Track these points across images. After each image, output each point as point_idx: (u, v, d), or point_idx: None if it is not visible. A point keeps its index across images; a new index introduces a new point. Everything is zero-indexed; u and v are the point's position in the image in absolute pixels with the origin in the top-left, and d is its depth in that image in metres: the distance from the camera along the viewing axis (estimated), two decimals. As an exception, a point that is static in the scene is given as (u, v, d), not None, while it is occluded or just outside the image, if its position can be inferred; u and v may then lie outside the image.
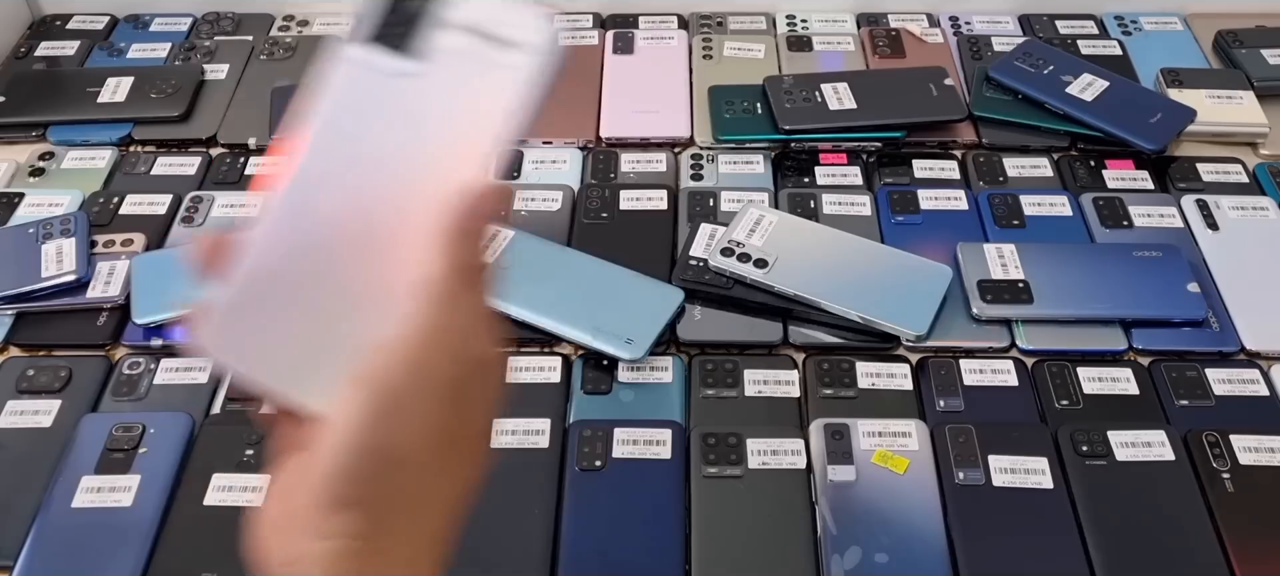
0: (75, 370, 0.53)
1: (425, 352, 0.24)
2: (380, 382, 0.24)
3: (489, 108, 0.26)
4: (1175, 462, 0.48)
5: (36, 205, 0.63)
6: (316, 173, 0.26)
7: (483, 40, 0.27)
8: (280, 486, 0.26)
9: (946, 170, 0.65)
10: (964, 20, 0.77)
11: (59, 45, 0.76)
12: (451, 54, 0.26)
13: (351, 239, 0.26)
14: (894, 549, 0.45)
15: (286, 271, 0.26)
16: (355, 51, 0.27)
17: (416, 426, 0.24)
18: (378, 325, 0.25)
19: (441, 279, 0.25)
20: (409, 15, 0.27)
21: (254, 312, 0.26)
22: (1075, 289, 0.55)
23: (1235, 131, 0.67)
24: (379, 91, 0.26)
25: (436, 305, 0.25)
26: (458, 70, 0.26)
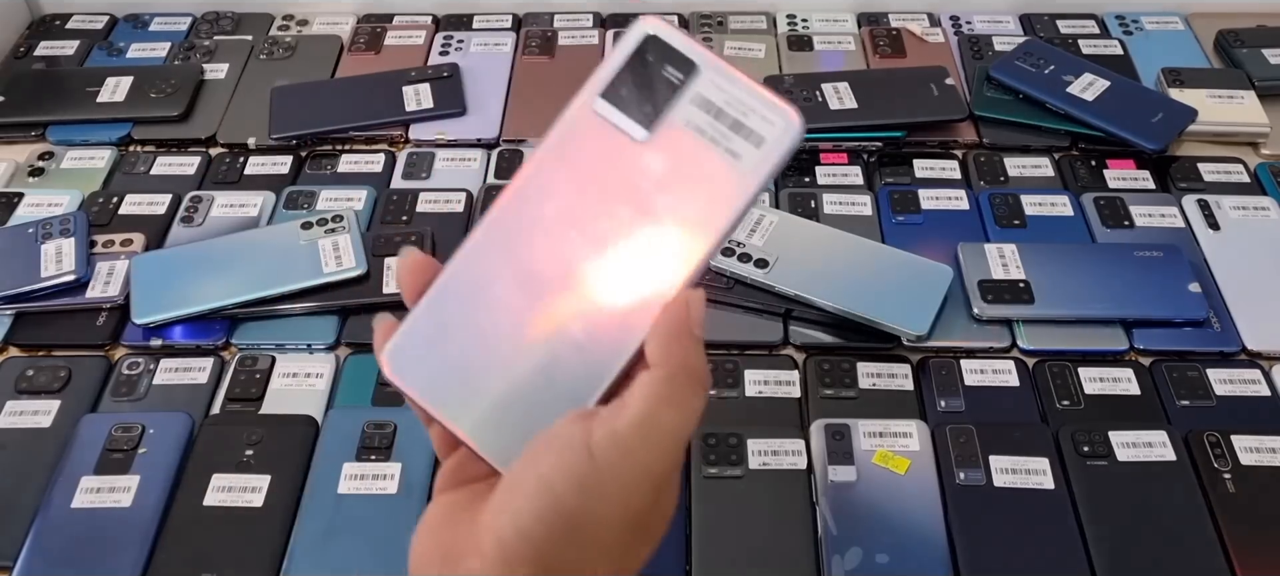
0: (74, 370, 0.53)
1: (643, 446, 0.24)
2: (595, 459, 0.24)
3: (715, 198, 0.25)
4: (1176, 463, 0.48)
5: (36, 205, 0.63)
6: (531, 216, 0.26)
7: (724, 125, 0.25)
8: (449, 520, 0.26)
9: (947, 170, 0.65)
10: (965, 20, 0.77)
11: (58, 45, 0.76)
12: (688, 131, 0.26)
13: (557, 296, 0.26)
14: (895, 549, 0.45)
15: (483, 310, 0.26)
16: (591, 103, 0.26)
17: (616, 512, 0.24)
18: (578, 395, 0.25)
19: (669, 379, 0.24)
20: (652, 79, 0.26)
21: (442, 344, 0.26)
22: (1076, 289, 0.55)
23: (1236, 131, 0.67)
24: (608, 152, 0.26)
25: (661, 403, 0.24)
26: (691, 151, 0.25)
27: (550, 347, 0.26)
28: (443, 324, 0.26)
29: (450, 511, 0.26)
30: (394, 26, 0.77)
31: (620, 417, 0.24)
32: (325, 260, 0.56)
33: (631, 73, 0.26)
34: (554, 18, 0.78)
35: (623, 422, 0.24)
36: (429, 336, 0.26)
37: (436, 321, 0.26)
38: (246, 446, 0.49)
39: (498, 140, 0.68)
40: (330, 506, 0.47)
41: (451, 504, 0.26)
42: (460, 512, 0.26)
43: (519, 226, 0.26)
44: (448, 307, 0.26)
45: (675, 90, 0.26)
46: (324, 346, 0.55)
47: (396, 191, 0.63)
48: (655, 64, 0.26)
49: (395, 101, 0.68)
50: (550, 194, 0.26)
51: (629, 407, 0.24)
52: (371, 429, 0.50)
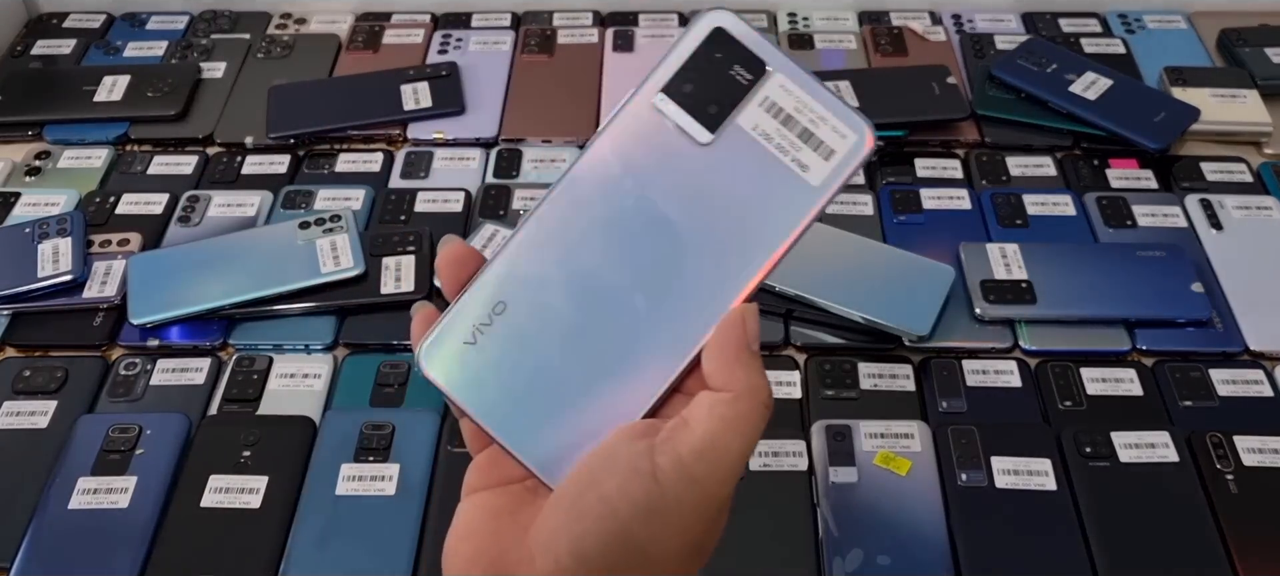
0: (71, 370, 0.53)
1: (709, 473, 0.23)
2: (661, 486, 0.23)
3: (780, 212, 0.24)
4: (1179, 464, 0.48)
5: (32, 204, 0.62)
6: (582, 213, 0.24)
7: (792, 133, 0.24)
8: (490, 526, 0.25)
9: (949, 169, 0.64)
10: (966, 18, 0.76)
11: (55, 44, 0.76)
12: (754, 137, 0.24)
13: (607, 302, 0.24)
14: (896, 551, 0.45)
15: (527, 311, 0.25)
16: (651, 97, 0.24)
17: (677, 540, 0.23)
18: (626, 406, 0.24)
19: (734, 402, 0.23)
20: (719, 77, 0.24)
21: (482, 343, 0.25)
22: (1078, 289, 0.55)
23: (1239, 130, 0.66)
24: (667, 152, 0.24)
25: (726, 428, 0.23)
26: (756, 159, 0.24)
27: (598, 355, 0.25)
28: (484, 322, 0.25)
29: (489, 516, 0.25)
30: (392, 25, 0.77)
31: (684, 442, 0.23)
32: (323, 260, 0.56)
33: (696, 68, 0.24)
34: (553, 16, 0.77)
35: (687, 448, 0.23)
36: (469, 335, 0.25)
37: (477, 319, 0.25)
38: (244, 447, 0.49)
39: (496, 139, 0.67)
40: (328, 507, 0.47)
41: (489, 508, 0.25)
42: (503, 519, 0.25)
43: (569, 223, 0.25)
44: (490, 305, 0.25)
45: (743, 91, 0.24)
46: (322, 347, 0.54)
47: (395, 191, 0.63)
48: (723, 60, 0.24)
49: (393, 100, 0.68)
50: (603, 191, 0.25)
51: (693, 431, 0.23)
52: (369, 430, 0.49)
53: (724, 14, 0.25)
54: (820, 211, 0.24)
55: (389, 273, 0.56)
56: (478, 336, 0.25)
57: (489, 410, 0.25)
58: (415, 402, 0.52)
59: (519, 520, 0.25)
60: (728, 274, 0.24)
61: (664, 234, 0.24)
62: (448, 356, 0.25)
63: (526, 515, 0.25)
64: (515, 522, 0.25)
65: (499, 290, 0.25)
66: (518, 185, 0.63)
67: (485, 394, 0.25)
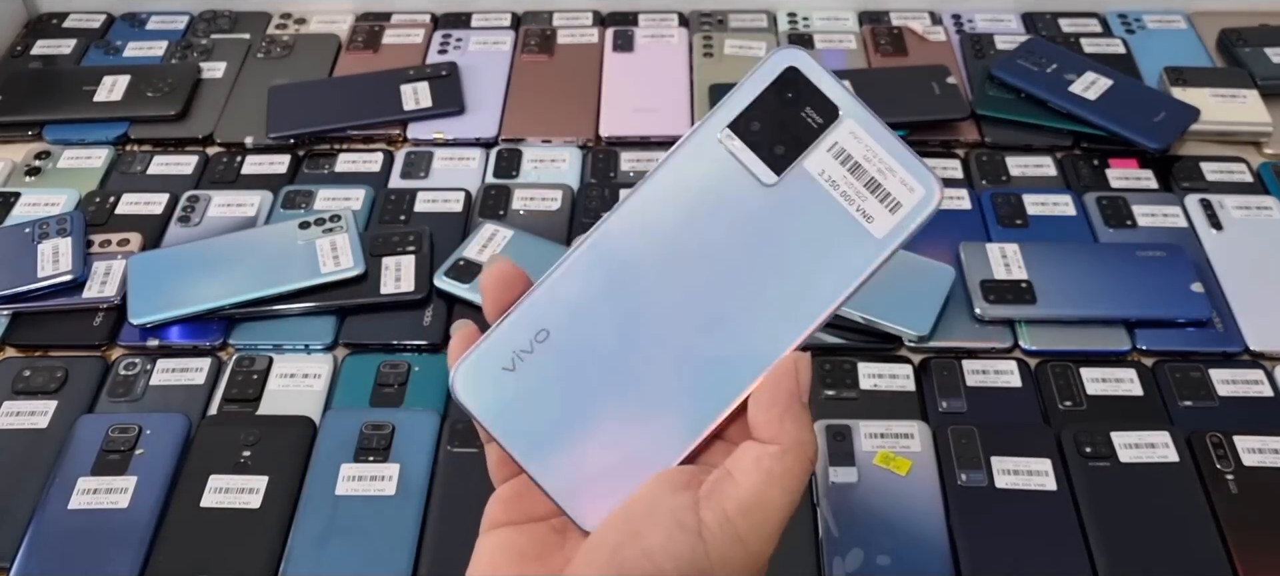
0: (71, 371, 0.53)
1: (753, 531, 0.22)
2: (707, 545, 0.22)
3: (840, 263, 0.23)
4: (1179, 464, 0.48)
5: (32, 204, 0.62)
6: (636, 245, 0.24)
7: (859, 182, 0.23)
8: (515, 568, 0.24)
9: (949, 169, 0.64)
10: (966, 18, 0.76)
11: (55, 44, 0.76)
12: (820, 182, 0.23)
13: (654, 340, 0.24)
14: (896, 551, 0.45)
15: (571, 343, 0.24)
16: (717, 132, 0.24)
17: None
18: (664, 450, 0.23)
19: (781, 456, 0.22)
20: (788, 118, 0.24)
21: (522, 373, 0.24)
22: (1079, 289, 0.55)
23: (1239, 130, 0.66)
24: (730, 190, 0.23)
25: (772, 484, 0.22)
26: (821, 206, 0.23)
27: (640, 393, 0.24)
28: (525, 349, 0.24)
29: (514, 557, 0.24)
30: (392, 25, 0.77)
31: (729, 496, 0.22)
32: (323, 260, 0.56)
33: (766, 106, 0.24)
34: (553, 16, 0.77)
35: (733, 505, 0.22)
36: (508, 361, 0.24)
37: (518, 345, 0.24)
38: (244, 447, 0.49)
39: (496, 139, 0.67)
40: (328, 507, 0.47)
41: (514, 549, 0.24)
42: (529, 563, 0.24)
43: (621, 253, 0.24)
44: (533, 332, 0.24)
45: (812, 135, 0.24)
46: (322, 347, 0.54)
47: (394, 191, 0.63)
48: (793, 101, 0.24)
49: (393, 100, 0.68)
50: (660, 224, 0.24)
51: (739, 485, 0.22)
52: (369, 430, 0.49)
53: (798, 53, 0.24)
54: (881, 266, 0.23)
55: (389, 273, 0.56)
56: (517, 363, 0.24)
57: (521, 441, 0.24)
58: (415, 402, 0.52)
59: (548, 565, 0.24)
60: (781, 320, 0.24)
61: (718, 273, 0.24)
62: (483, 381, 0.24)
63: (556, 561, 0.24)
64: (544, 568, 0.24)
65: (543, 317, 0.24)
66: (518, 185, 0.63)
67: (519, 424, 0.24)
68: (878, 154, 0.23)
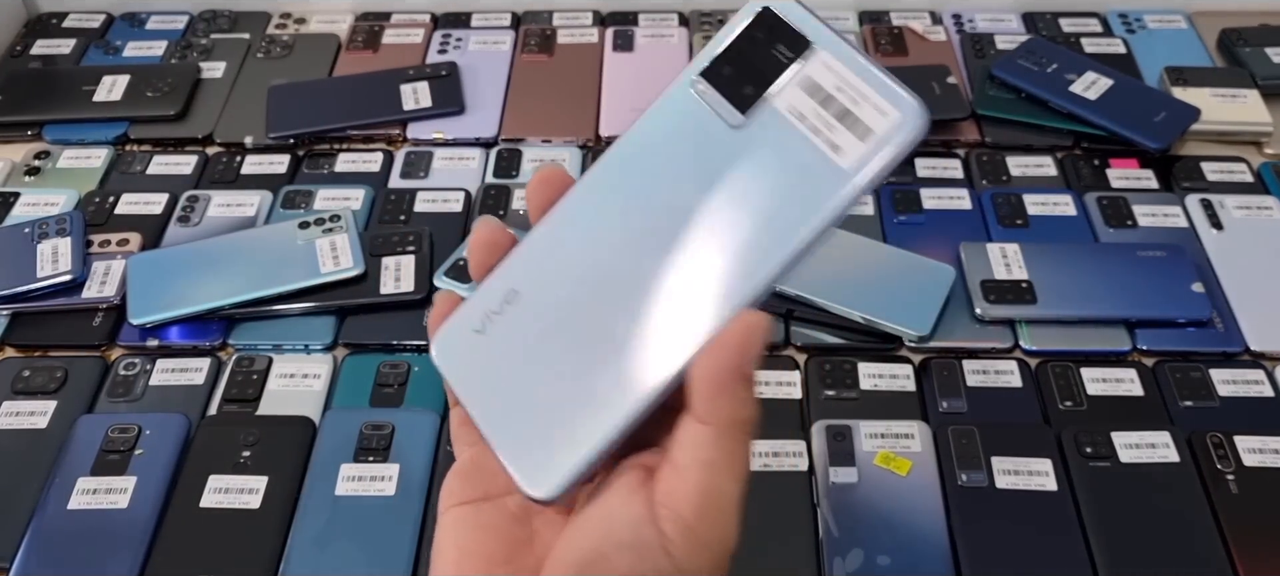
0: (71, 371, 0.53)
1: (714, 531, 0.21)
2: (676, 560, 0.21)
3: (801, 200, 0.21)
4: (1179, 464, 0.47)
5: (32, 204, 0.62)
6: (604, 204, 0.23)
7: (829, 113, 0.22)
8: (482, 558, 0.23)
9: (949, 169, 0.64)
10: (967, 18, 0.76)
11: (55, 43, 0.75)
12: (787, 117, 0.22)
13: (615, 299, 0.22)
14: (896, 551, 0.45)
15: (537, 307, 0.23)
16: (689, 81, 0.23)
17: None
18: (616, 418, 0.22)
19: (718, 440, 0.21)
20: (759, 58, 0.22)
21: (492, 336, 0.23)
22: (1079, 289, 0.55)
23: (1240, 130, 0.66)
24: (696, 138, 0.22)
25: (717, 472, 0.21)
26: (785, 141, 0.22)
27: (598, 356, 0.22)
28: (495, 311, 0.23)
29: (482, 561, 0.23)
30: (392, 24, 0.77)
31: (682, 499, 0.21)
32: (323, 260, 0.56)
33: (738, 50, 0.22)
34: (553, 16, 0.77)
35: (688, 509, 0.21)
36: (479, 324, 0.23)
37: (490, 306, 0.23)
38: (243, 447, 0.49)
39: (496, 139, 0.67)
40: (328, 507, 0.47)
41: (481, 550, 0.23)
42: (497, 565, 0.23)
43: (591, 211, 0.23)
44: (504, 293, 0.23)
45: (780, 70, 0.22)
46: (321, 347, 0.54)
47: (394, 191, 0.63)
48: (765, 41, 0.22)
49: (393, 100, 0.68)
50: (630, 179, 0.23)
51: (687, 483, 0.21)
52: (369, 430, 0.49)
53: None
54: (852, 199, 0.21)
55: (389, 273, 0.56)
56: (487, 326, 0.23)
57: (483, 405, 0.23)
58: (415, 402, 0.51)
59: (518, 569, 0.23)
60: (740, 269, 0.22)
61: (682, 224, 0.22)
62: (457, 344, 0.24)
63: (526, 562, 0.23)
64: (512, 569, 0.23)
65: (514, 278, 0.23)
66: (517, 185, 0.63)
67: (482, 387, 0.23)
68: (851, 83, 0.22)
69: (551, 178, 0.24)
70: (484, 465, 0.24)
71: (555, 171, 0.24)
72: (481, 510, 0.24)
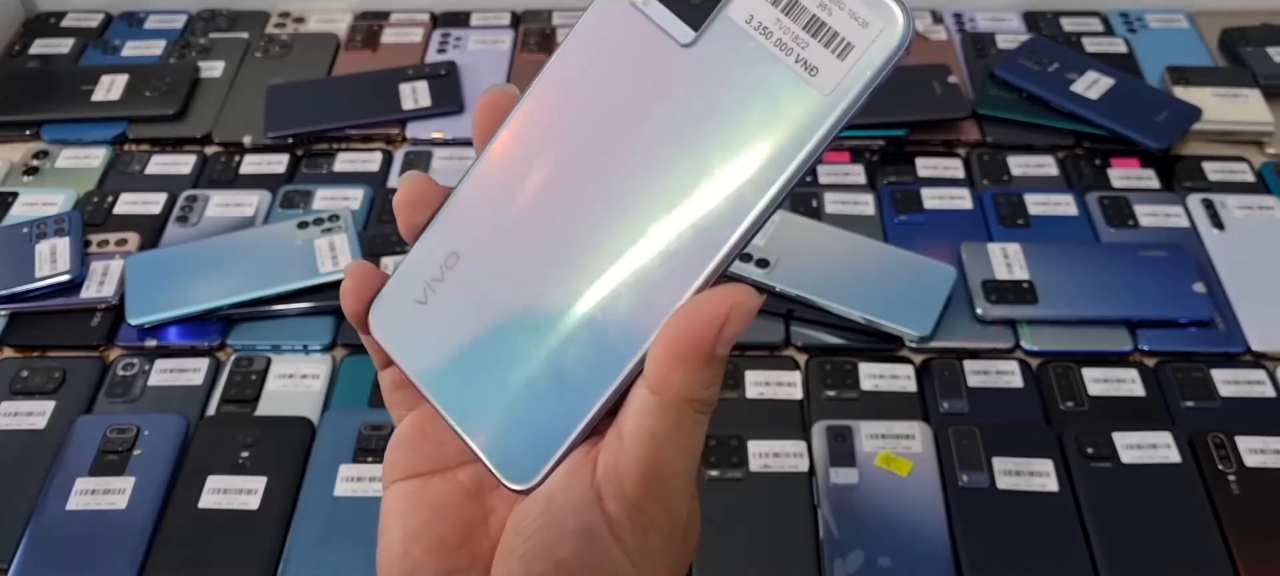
0: (69, 371, 0.53)
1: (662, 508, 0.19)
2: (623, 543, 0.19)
3: (776, 131, 0.18)
4: (1181, 465, 0.47)
5: (30, 204, 0.62)
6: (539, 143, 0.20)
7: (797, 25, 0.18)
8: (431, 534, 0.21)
9: (950, 168, 0.64)
10: (968, 17, 0.76)
11: (53, 43, 0.75)
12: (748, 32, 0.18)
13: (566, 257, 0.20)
14: (897, 552, 0.44)
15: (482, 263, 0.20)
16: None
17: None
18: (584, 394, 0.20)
19: (664, 411, 0.19)
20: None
21: (433, 302, 0.20)
22: (1080, 289, 0.55)
23: (1241, 130, 0.66)
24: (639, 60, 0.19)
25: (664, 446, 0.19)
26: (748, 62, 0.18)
27: (557, 323, 0.20)
28: (435, 277, 0.21)
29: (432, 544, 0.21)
30: (391, 23, 0.76)
31: (625, 474, 0.19)
32: (321, 260, 0.56)
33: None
34: (552, 14, 0.77)
35: (631, 484, 0.19)
36: (420, 293, 0.21)
37: (429, 275, 0.21)
38: (242, 448, 0.49)
39: (496, 138, 0.67)
40: (327, 508, 0.47)
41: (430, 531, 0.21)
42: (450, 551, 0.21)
43: (528, 154, 0.20)
44: (443, 256, 0.21)
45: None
46: (320, 347, 0.54)
47: (393, 191, 0.63)
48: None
49: (392, 100, 0.68)
50: (568, 117, 0.20)
51: (629, 456, 0.19)
52: (368, 430, 0.49)
53: None
54: (835, 130, 0.18)
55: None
56: (428, 294, 0.21)
57: (441, 389, 0.21)
58: (414, 403, 0.51)
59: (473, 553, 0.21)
60: (709, 221, 0.19)
61: (635, 168, 0.19)
62: (397, 317, 0.21)
63: (481, 545, 0.21)
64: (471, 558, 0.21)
65: (451, 238, 0.21)
66: (517, 185, 0.63)
67: (434, 365, 0.21)
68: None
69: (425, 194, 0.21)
70: (429, 432, 0.22)
71: (427, 184, 0.21)
72: (430, 484, 0.22)
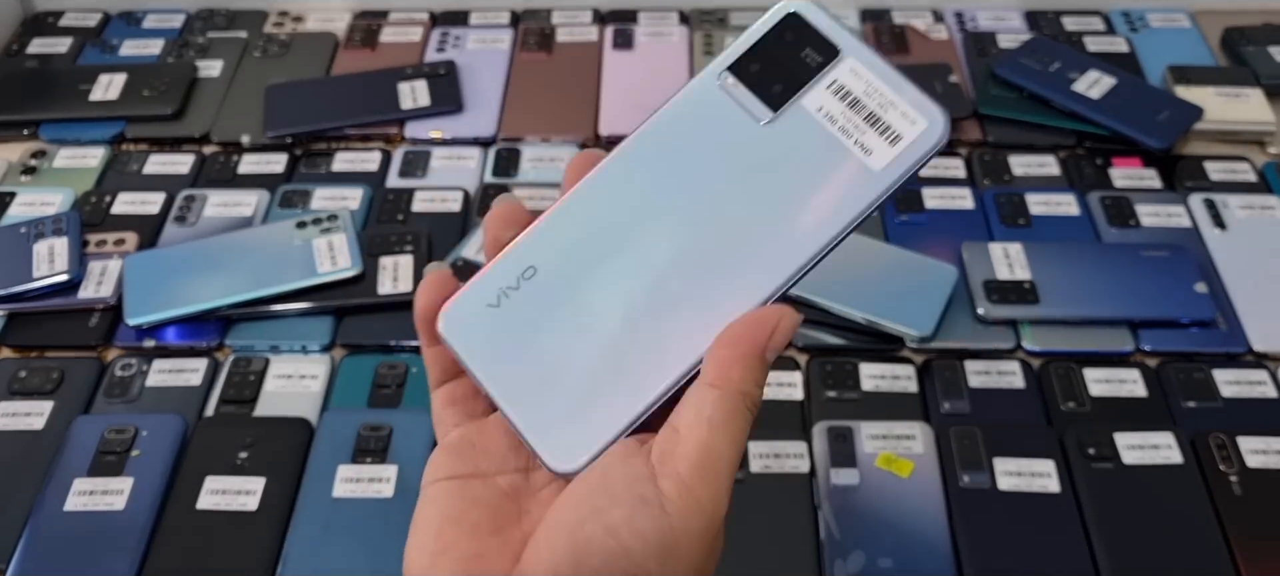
0: (67, 371, 0.53)
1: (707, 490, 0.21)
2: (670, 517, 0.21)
3: (835, 197, 0.23)
4: (1182, 465, 0.47)
5: (28, 204, 0.62)
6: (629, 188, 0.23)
7: (858, 116, 0.23)
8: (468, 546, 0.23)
9: (951, 168, 0.64)
10: (969, 16, 0.76)
11: (51, 42, 0.75)
12: (817, 117, 0.23)
13: (637, 281, 0.23)
14: (898, 553, 0.44)
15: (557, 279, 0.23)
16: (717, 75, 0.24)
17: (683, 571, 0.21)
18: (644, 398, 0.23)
19: (722, 401, 0.22)
20: (787, 59, 0.23)
21: (507, 309, 0.23)
22: (1082, 289, 0.55)
23: (1243, 129, 0.66)
24: (725, 131, 0.23)
25: (717, 432, 0.22)
26: (816, 141, 0.23)
27: (621, 336, 0.23)
28: (511, 286, 0.23)
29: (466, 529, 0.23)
30: (390, 22, 0.76)
31: (681, 458, 0.21)
32: (320, 260, 0.56)
33: (766, 49, 0.24)
34: (552, 14, 0.77)
35: (685, 466, 0.21)
36: (494, 299, 0.23)
37: (505, 282, 0.23)
38: (241, 448, 0.49)
39: (495, 138, 0.67)
40: (325, 509, 0.46)
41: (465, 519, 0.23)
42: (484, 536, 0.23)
43: (614, 194, 0.24)
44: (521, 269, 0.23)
45: (811, 73, 0.23)
46: (319, 347, 0.54)
47: (392, 190, 0.63)
48: (793, 44, 0.24)
49: (391, 99, 0.68)
50: (655, 166, 0.24)
51: (686, 442, 0.22)
52: (367, 431, 0.49)
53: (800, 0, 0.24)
54: (881, 200, 0.23)
55: (386, 273, 0.56)
56: (502, 300, 0.23)
57: (499, 379, 0.23)
58: (413, 404, 0.51)
59: (506, 540, 0.23)
60: (772, 259, 0.23)
61: (709, 213, 0.23)
62: (468, 319, 0.24)
63: (514, 534, 0.23)
64: (503, 543, 0.22)
65: (531, 254, 0.24)
66: (516, 184, 0.63)
67: (498, 362, 0.23)
68: (879, 89, 0.23)
69: (513, 215, 0.24)
70: (476, 443, 0.24)
71: (517, 208, 0.25)
72: (470, 484, 0.24)
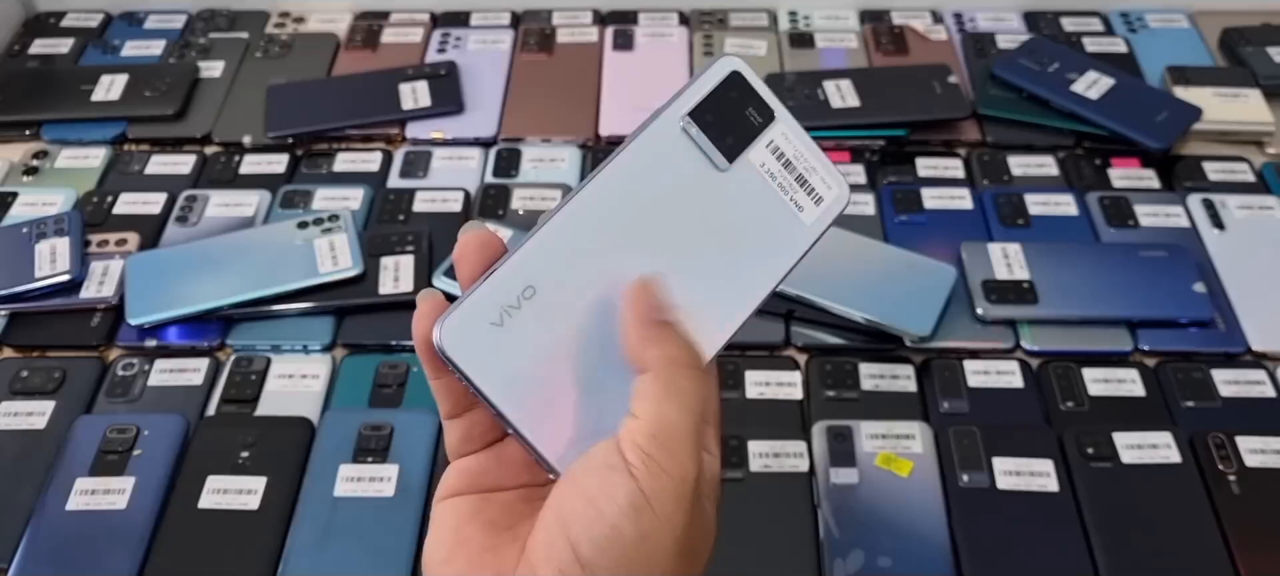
0: (69, 371, 0.53)
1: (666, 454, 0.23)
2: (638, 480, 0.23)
3: (777, 247, 0.27)
4: (1181, 465, 0.47)
5: (30, 204, 0.62)
6: (606, 217, 0.26)
7: (791, 176, 0.27)
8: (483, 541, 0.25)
9: (950, 168, 0.64)
10: (968, 17, 0.76)
11: (53, 43, 0.75)
12: (762, 173, 0.27)
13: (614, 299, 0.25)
14: (897, 552, 0.44)
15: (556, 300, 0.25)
16: (678, 120, 0.26)
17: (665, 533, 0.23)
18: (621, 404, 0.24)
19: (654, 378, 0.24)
20: (736, 115, 0.27)
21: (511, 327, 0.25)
22: (1081, 289, 0.55)
23: (1241, 130, 0.66)
24: (689, 173, 0.26)
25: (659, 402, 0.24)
26: (762, 194, 0.27)
27: (611, 353, 0.25)
28: (512, 305, 0.25)
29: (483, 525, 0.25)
30: (391, 23, 0.76)
31: (638, 431, 0.23)
32: (321, 260, 0.56)
33: (717, 102, 0.27)
34: (552, 15, 0.77)
35: (642, 437, 0.23)
36: (496, 317, 0.25)
37: (505, 301, 0.25)
38: (242, 448, 0.49)
39: (496, 138, 0.67)
40: (326, 508, 0.47)
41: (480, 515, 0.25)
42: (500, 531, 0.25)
43: (599, 220, 0.26)
44: (521, 289, 0.25)
45: (754, 132, 0.27)
46: (320, 347, 0.54)
47: (393, 190, 0.63)
48: (738, 101, 0.27)
49: (392, 99, 0.68)
50: (634, 196, 0.26)
51: (639, 418, 0.24)
52: (368, 430, 0.49)
53: (738, 60, 0.28)
54: (805, 254, 0.27)
55: (387, 273, 0.56)
56: (505, 319, 0.25)
57: (508, 396, 0.25)
58: (414, 403, 0.51)
59: (518, 534, 0.24)
60: (728, 294, 0.27)
61: (681, 244, 0.26)
62: (471, 336, 0.24)
63: (525, 530, 0.24)
64: (514, 539, 0.24)
65: (530, 275, 0.25)
66: (517, 185, 0.63)
67: (506, 379, 0.25)
68: (804, 154, 0.27)
69: (489, 241, 0.26)
70: (491, 468, 0.26)
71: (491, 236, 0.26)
72: (486, 495, 0.26)
